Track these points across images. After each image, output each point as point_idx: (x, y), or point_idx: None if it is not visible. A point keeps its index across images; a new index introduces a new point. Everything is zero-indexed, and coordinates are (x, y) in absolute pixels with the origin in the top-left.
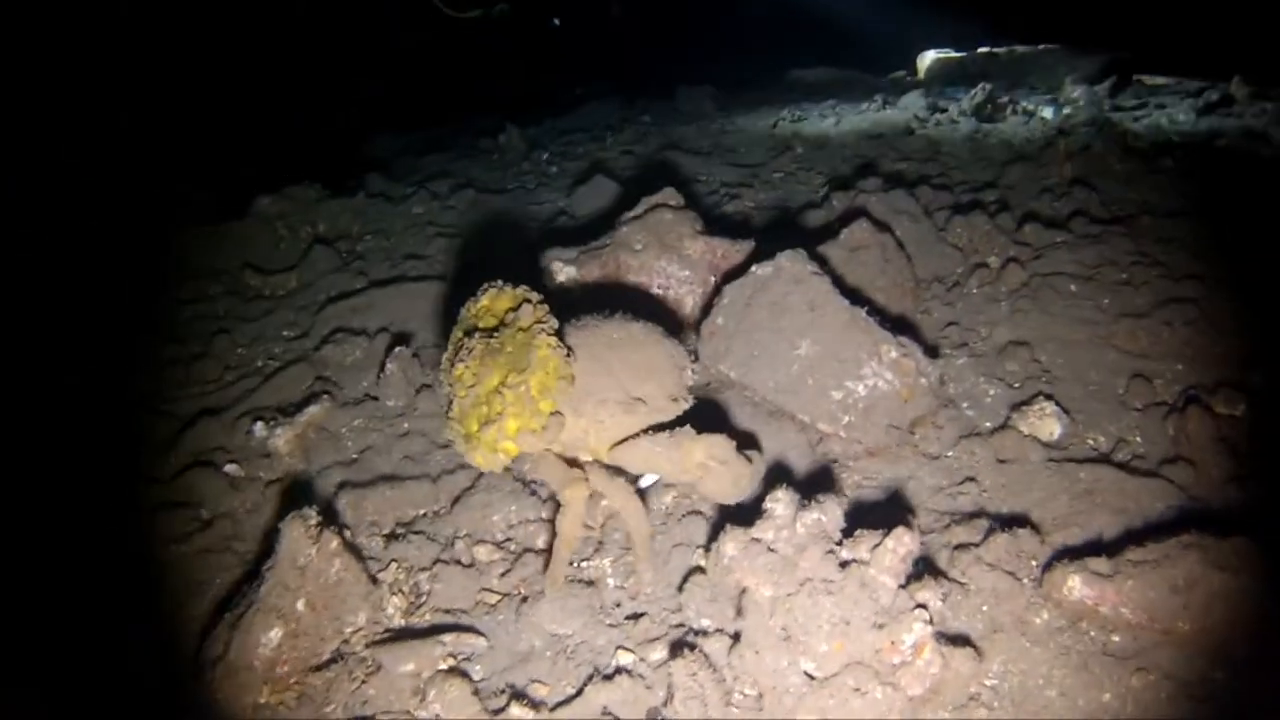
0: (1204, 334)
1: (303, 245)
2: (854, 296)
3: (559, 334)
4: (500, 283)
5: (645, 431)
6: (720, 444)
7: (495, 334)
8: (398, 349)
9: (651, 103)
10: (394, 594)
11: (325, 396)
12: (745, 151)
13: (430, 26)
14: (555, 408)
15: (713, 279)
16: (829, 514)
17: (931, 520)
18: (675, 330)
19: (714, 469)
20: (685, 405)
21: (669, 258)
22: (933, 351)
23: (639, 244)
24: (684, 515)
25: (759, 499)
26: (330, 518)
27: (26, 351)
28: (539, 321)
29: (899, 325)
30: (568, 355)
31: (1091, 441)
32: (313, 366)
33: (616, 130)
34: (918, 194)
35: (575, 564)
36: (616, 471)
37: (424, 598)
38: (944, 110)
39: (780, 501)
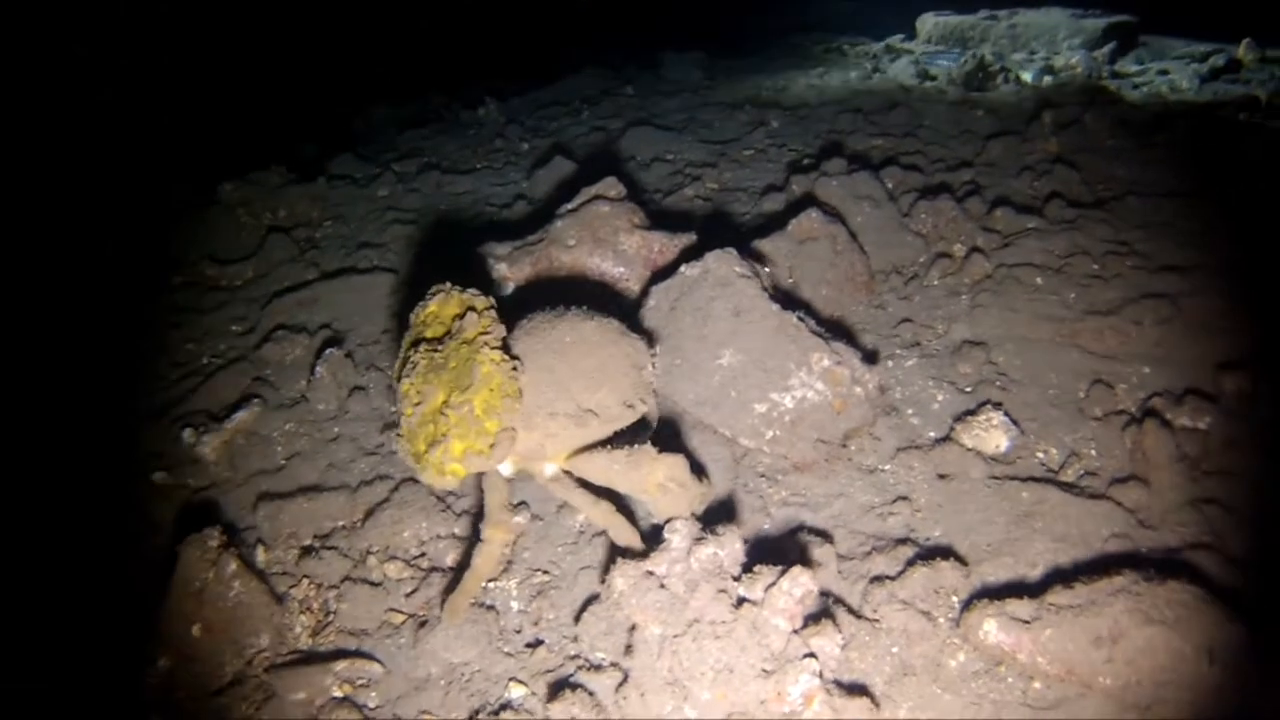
0: (1177, 333)
1: (261, 234)
2: (789, 299)
3: (505, 343)
4: (448, 285)
5: (605, 442)
6: (679, 466)
7: (440, 346)
8: (328, 351)
9: (638, 73)
10: (302, 612)
11: (256, 401)
12: (719, 126)
13: None
14: (502, 426)
15: (649, 275)
16: (727, 548)
17: (854, 544)
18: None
19: (672, 491)
20: (643, 408)
21: (602, 254)
22: (872, 356)
23: (572, 239)
24: (595, 535)
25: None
26: (241, 533)
27: None
28: (483, 332)
29: (843, 325)
30: (514, 368)
31: (1041, 455)
32: (253, 365)
33: (594, 103)
34: (885, 175)
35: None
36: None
37: (331, 617)
38: (933, 79)
39: (677, 532)
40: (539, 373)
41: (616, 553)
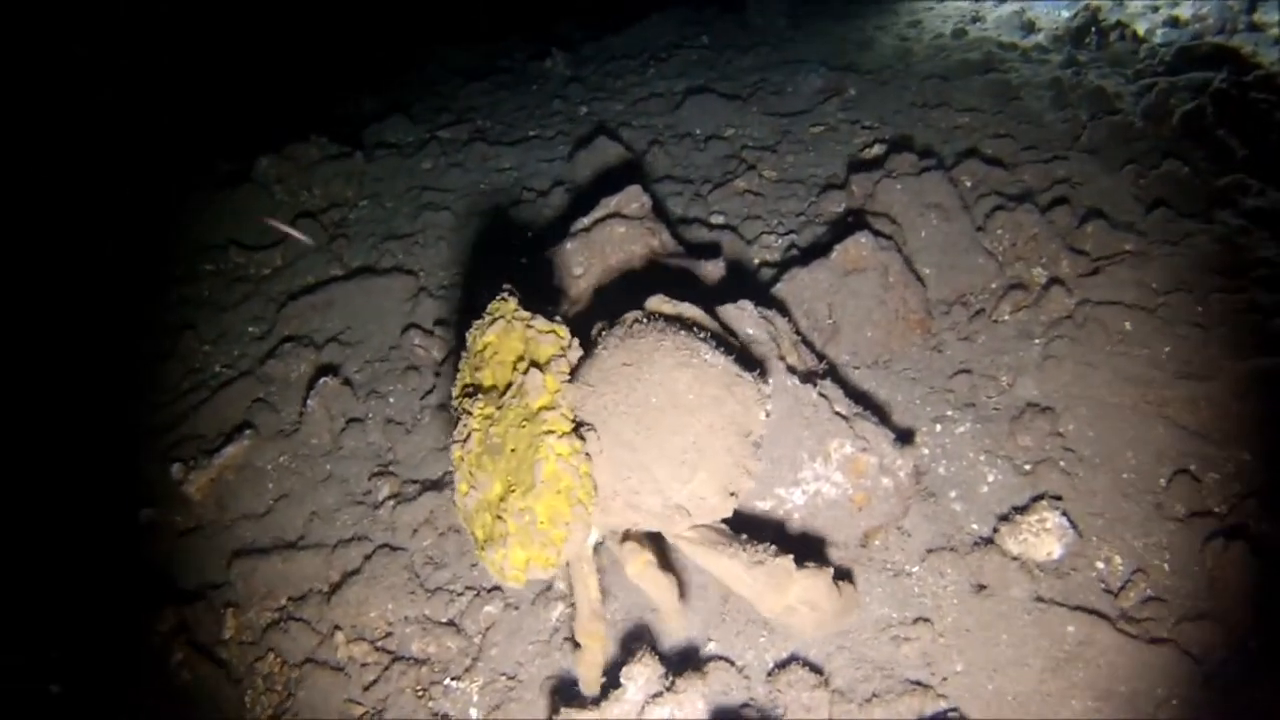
0: None
1: (290, 219)
2: (814, 363)
3: (575, 414)
4: (510, 306)
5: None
6: (818, 587)
7: (499, 407)
8: (322, 381)
9: (719, 15)
10: (264, 692)
11: (249, 432)
12: (791, 92)
13: None
14: (570, 531)
15: None
16: (686, 708)
17: (855, 677)
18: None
19: (801, 613)
20: (747, 488)
21: (613, 285)
22: (908, 435)
23: (579, 268)
24: (568, 637)
25: None
26: (217, 590)
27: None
28: (548, 407)
29: (885, 377)
30: (585, 456)
31: (1101, 565)
32: (258, 382)
33: (663, 59)
34: (962, 172)
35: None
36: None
37: (291, 700)
38: (1038, 31)
39: (634, 681)
40: (617, 449)
41: (560, 700)
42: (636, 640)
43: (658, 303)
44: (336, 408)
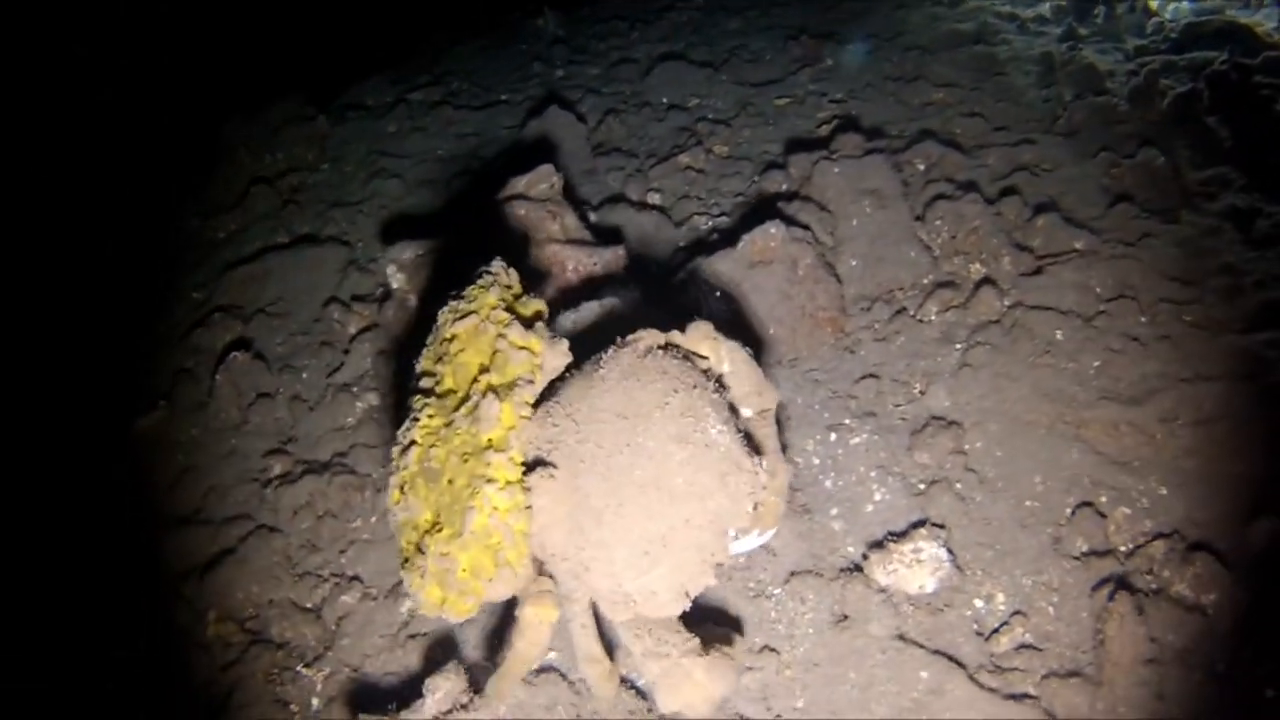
0: (1219, 443)
1: (245, 182)
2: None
3: (531, 456)
4: (491, 299)
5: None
6: (724, 684)
7: (448, 424)
8: (231, 355)
9: None
10: None
11: (162, 403)
12: (768, 60)
13: None
14: (500, 594)
15: (559, 298)
16: None
17: None
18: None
19: (703, 710)
20: (703, 587)
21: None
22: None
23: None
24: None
25: None
26: None
27: None
28: (496, 448)
29: (788, 378)
30: (525, 510)
31: (980, 604)
32: (184, 352)
33: (650, 21)
34: (916, 154)
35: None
36: None
37: None
38: (1043, 1)
39: (434, 693)
40: (582, 514)
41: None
42: (443, 652)
43: (699, 337)
44: (246, 382)
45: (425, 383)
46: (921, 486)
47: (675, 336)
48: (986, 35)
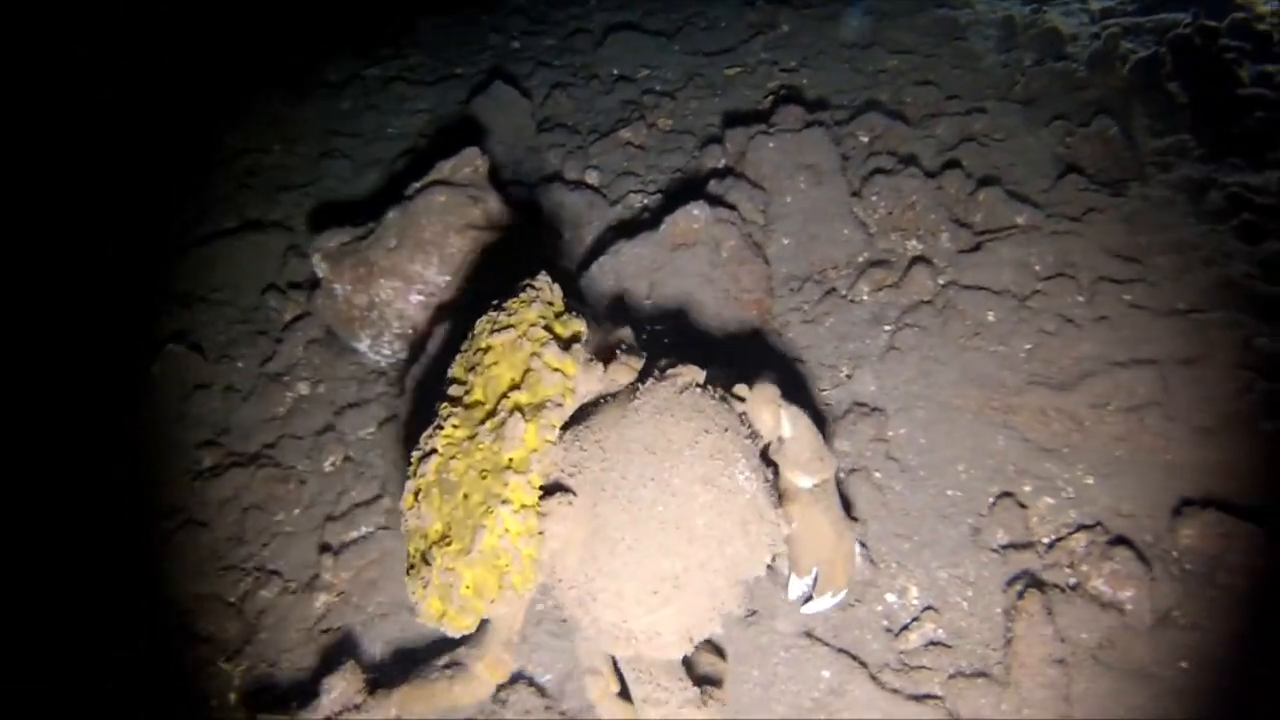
0: (1150, 432)
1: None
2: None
3: (550, 482)
4: (531, 315)
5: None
6: None
7: (471, 437)
8: (168, 348)
9: None
10: None
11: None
12: (723, 28)
13: None
14: (492, 608)
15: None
16: None
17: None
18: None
19: None
20: (709, 633)
21: (425, 258)
22: None
23: (393, 239)
24: None
25: None
26: None
27: None
28: (516, 469)
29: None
30: (537, 536)
31: (892, 599)
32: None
33: None
34: (859, 126)
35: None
36: None
37: None
38: None
39: (330, 692)
40: (597, 543)
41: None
42: (343, 652)
43: (761, 401)
44: (184, 373)
45: (454, 390)
46: (840, 476)
47: (740, 389)
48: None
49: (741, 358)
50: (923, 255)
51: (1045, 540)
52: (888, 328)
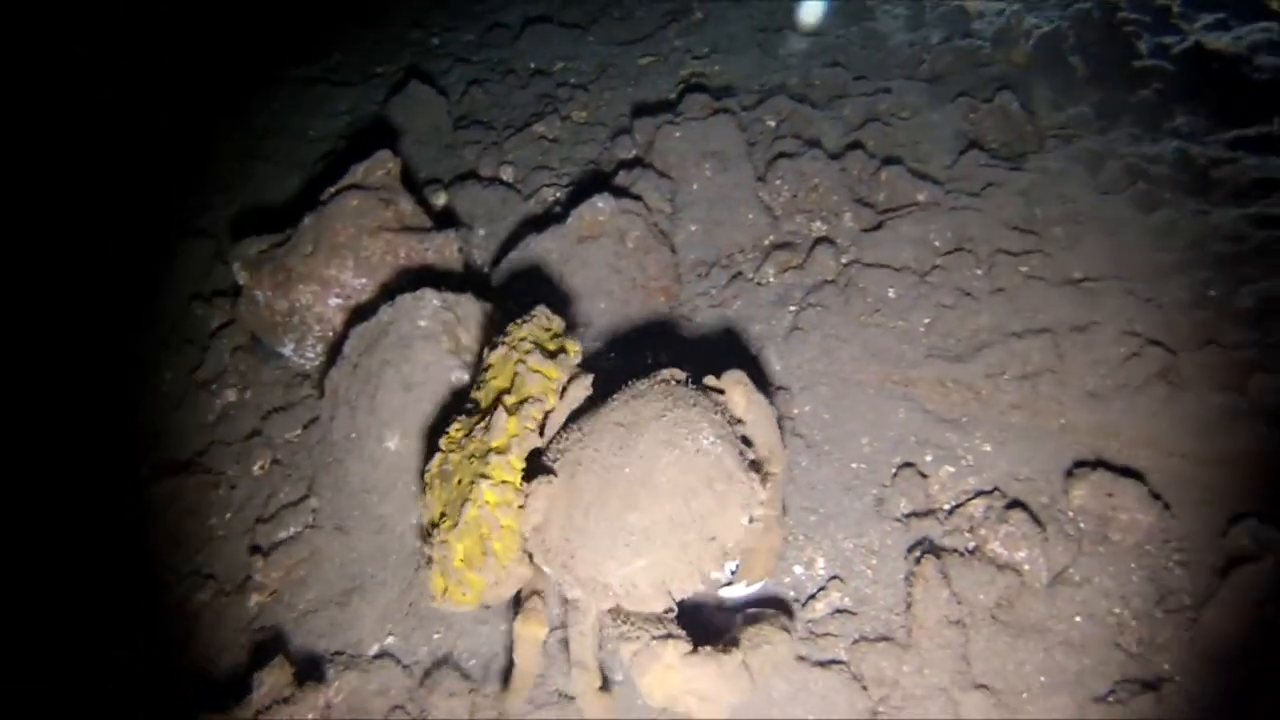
0: (1043, 398)
1: None
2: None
3: (534, 461)
4: (524, 333)
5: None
6: (706, 675)
7: (469, 435)
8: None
9: None
10: None
11: None
12: (639, 16)
13: None
14: (489, 580)
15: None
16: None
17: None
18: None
19: (689, 704)
20: (691, 591)
21: (340, 262)
22: None
23: (309, 245)
24: None
25: None
26: None
27: None
28: (499, 450)
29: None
30: (516, 509)
31: (800, 570)
32: None
33: None
34: (766, 110)
35: None
36: None
37: None
38: None
39: (261, 686)
40: (572, 508)
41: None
42: (274, 648)
43: (730, 382)
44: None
45: (466, 405)
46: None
47: (709, 380)
48: None
49: (650, 344)
50: (826, 236)
51: (946, 507)
52: (792, 308)
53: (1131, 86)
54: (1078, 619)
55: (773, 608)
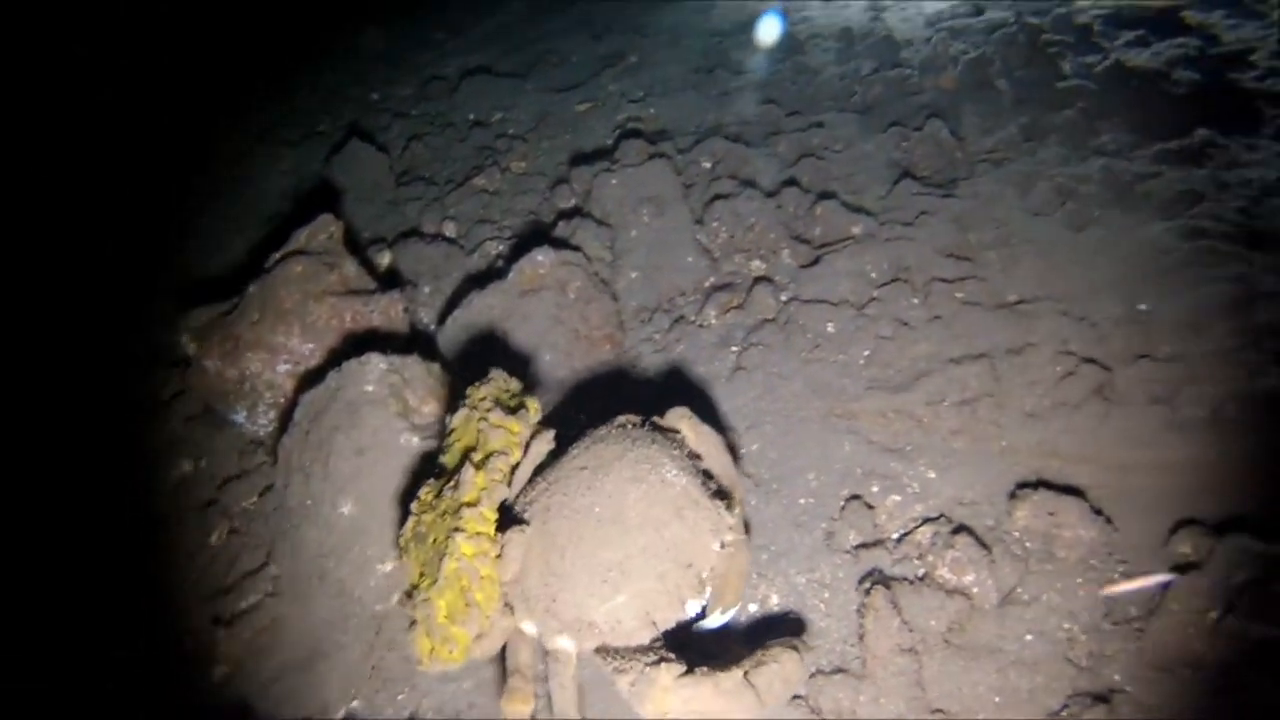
0: (982, 422)
1: None
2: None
3: (505, 513)
4: (480, 397)
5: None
6: (705, 694)
7: (438, 495)
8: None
9: None
10: None
11: None
12: (575, 61)
13: None
14: (473, 633)
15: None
16: None
17: None
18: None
19: None
20: (675, 619)
21: (287, 329)
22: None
23: (256, 313)
24: None
25: None
26: None
27: None
28: (469, 504)
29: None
30: (494, 559)
31: (754, 608)
32: None
33: (470, 27)
34: (702, 152)
35: None
36: None
37: None
38: None
39: None
40: (548, 553)
41: None
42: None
43: (677, 418)
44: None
45: (434, 470)
46: None
47: (658, 420)
48: (788, 14)
49: (599, 394)
50: (765, 274)
51: (894, 536)
52: (735, 348)
53: (1057, 107)
54: (1028, 637)
55: (787, 632)
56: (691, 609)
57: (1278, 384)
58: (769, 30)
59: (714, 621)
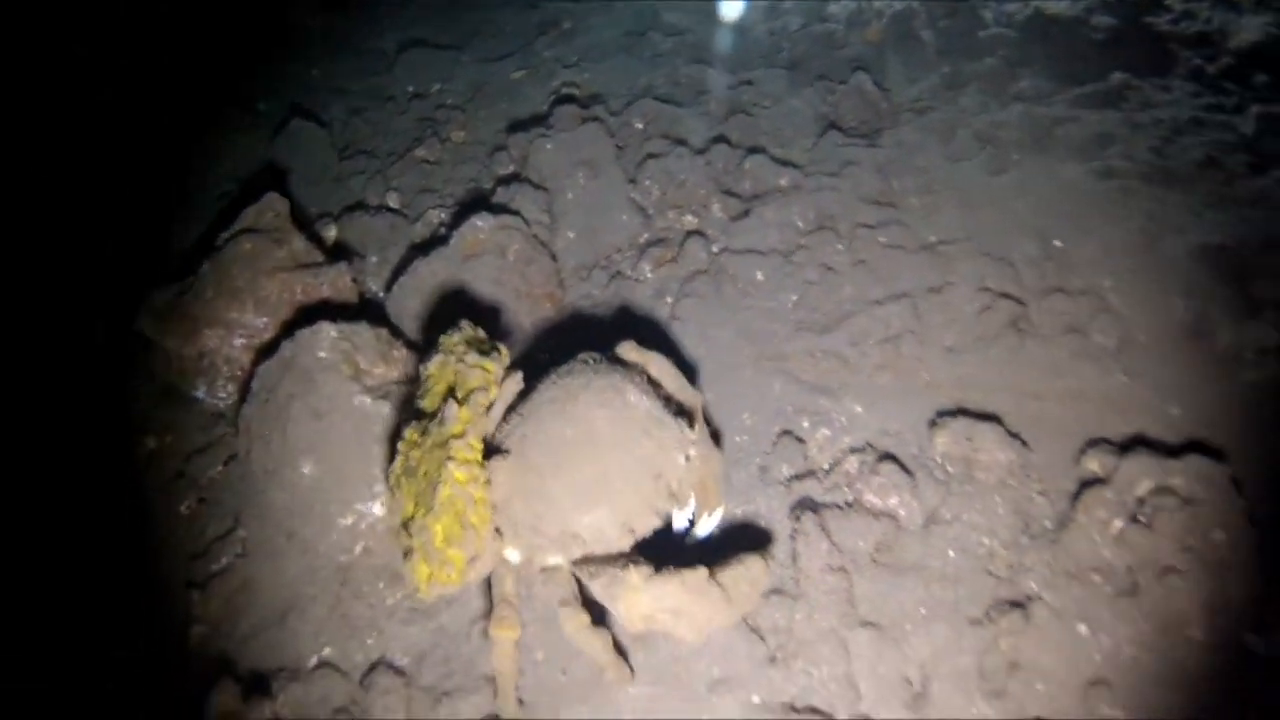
0: (905, 357)
1: None
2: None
3: (489, 442)
4: (455, 340)
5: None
6: (672, 591)
7: (424, 433)
8: None
9: None
10: None
11: None
12: (509, 31)
13: None
14: (469, 554)
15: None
16: None
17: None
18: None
19: (664, 621)
20: (652, 524)
21: (240, 306)
22: None
23: (210, 290)
24: None
25: None
26: None
27: None
28: (457, 435)
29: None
30: (484, 483)
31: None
32: None
33: (405, 5)
34: (633, 113)
35: None
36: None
37: None
38: None
39: None
40: (528, 477)
41: None
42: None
43: (626, 349)
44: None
45: (412, 414)
46: None
47: (625, 349)
48: None
49: (543, 347)
50: (696, 229)
51: (824, 467)
52: (669, 299)
53: (979, 55)
54: (951, 554)
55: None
56: (679, 520)
57: (1182, 313)
58: None
59: (705, 527)
